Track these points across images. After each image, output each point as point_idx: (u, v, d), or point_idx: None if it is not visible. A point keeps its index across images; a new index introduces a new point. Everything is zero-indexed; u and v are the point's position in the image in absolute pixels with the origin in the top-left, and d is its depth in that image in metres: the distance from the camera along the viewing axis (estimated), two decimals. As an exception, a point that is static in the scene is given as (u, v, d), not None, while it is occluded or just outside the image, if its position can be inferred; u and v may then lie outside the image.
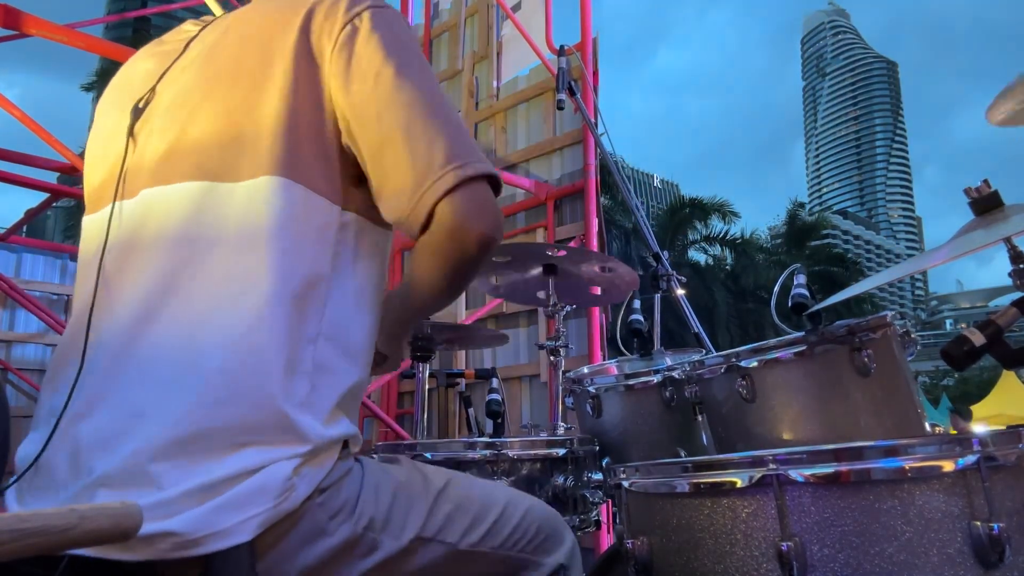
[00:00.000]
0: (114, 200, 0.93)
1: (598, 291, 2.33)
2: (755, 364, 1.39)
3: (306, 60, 0.89)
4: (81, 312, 0.90)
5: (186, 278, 0.83)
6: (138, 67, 1.05)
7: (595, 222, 3.90)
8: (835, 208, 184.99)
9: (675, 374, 1.64)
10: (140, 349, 0.82)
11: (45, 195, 4.55)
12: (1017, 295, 1.10)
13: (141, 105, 0.97)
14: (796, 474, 0.93)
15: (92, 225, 0.97)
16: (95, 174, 1.00)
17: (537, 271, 2.12)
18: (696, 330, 2.07)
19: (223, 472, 0.76)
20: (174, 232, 0.86)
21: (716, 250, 21.99)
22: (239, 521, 0.75)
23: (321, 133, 0.89)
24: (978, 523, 0.89)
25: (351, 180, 0.91)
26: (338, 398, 0.86)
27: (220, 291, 0.82)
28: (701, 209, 21.37)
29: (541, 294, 2.13)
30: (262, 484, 0.77)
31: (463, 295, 4.51)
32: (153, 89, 0.98)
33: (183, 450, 0.76)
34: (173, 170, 0.89)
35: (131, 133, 0.95)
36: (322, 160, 0.89)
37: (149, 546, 0.73)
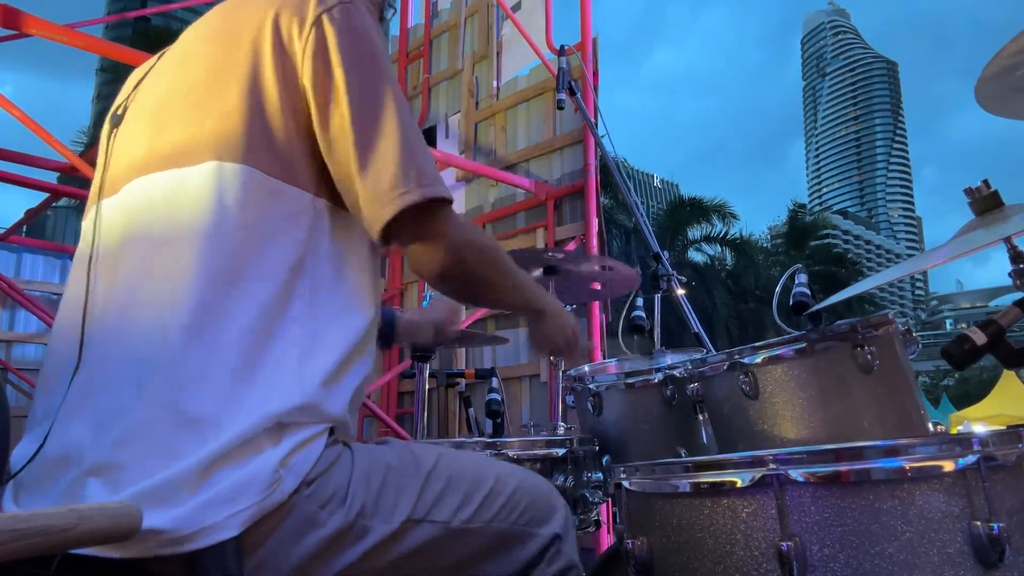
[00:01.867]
0: (99, 200, 0.96)
1: (598, 287, 2.34)
2: (758, 360, 1.39)
3: (276, 55, 0.90)
4: (68, 313, 0.91)
5: (158, 268, 0.85)
6: (131, 76, 1.10)
7: (595, 222, 3.90)
8: (835, 208, 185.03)
9: (676, 372, 1.64)
10: (119, 343, 0.83)
11: (45, 195, 4.55)
12: (1019, 295, 1.10)
13: (120, 112, 1.01)
14: (796, 474, 0.93)
15: (84, 228, 1.00)
16: (93, 180, 1.04)
17: (538, 273, 2.12)
18: (696, 330, 2.07)
19: (207, 465, 0.76)
20: (146, 222, 0.88)
21: (716, 250, 21.99)
22: (226, 516, 0.75)
23: (290, 124, 0.90)
24: (978, 523, 0.89)
25: (323, 168, 0.92)
26: (326, 376, 0.87)
27: (185, 279, 0.83)
28: (700, 208, 21.36)
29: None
30: (249, 478, 0.77)
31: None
32: (129, 96, 1.02)
33: (164, 442, 0.77)
34: (147, 165, 0.91)
35: (111, 137, 0.99)
36: (290, 149, 0.90)
37: (138, 543, 0.73)
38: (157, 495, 0.74)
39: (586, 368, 1.99)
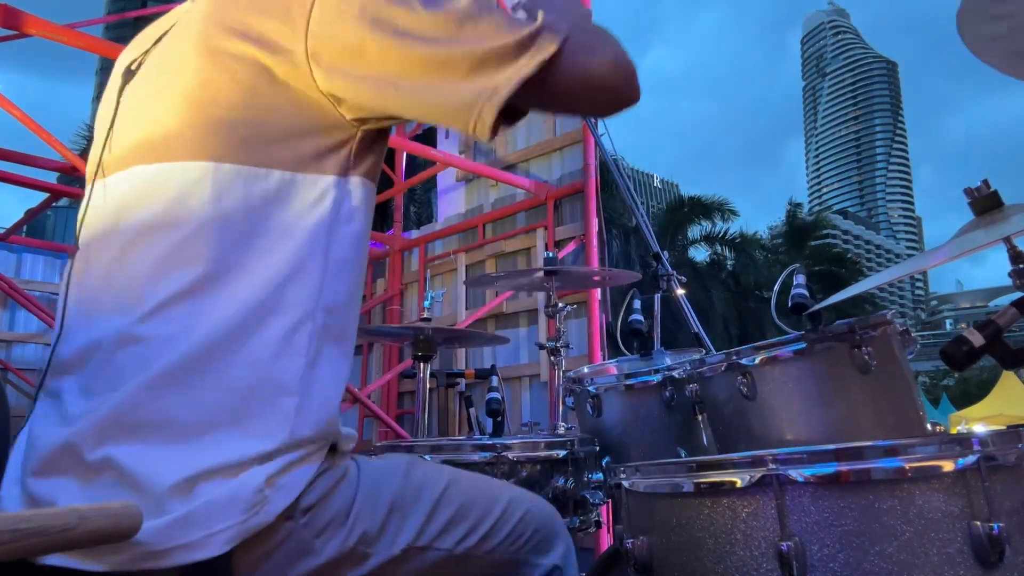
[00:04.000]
0: (91, 185, 0.92)
1: (599, 278, 2.35)
2: (756, 362, 1.39)
3: (265, 46, 0.82)
4: (60, 297, 0.89)
5: (135, 259, 0.82)
6: (151, 28, 1.02)
7: (595, 222, 3.90)
8: (835, 208, 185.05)
9: (675, 373, 1.64)
10: (97, 334, 0.80)
11: (45, 195, 4.55)
12: (1017, 295, 1.10)
13: (134, 67, 0.94)
14: (796, 474, 0.93)
15: (82, 207, 0.96)
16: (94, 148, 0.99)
17: (538, 274, 2.13)
18: (696, 330, 2.07)
19: (187, 480, 0.73)
20: (127, 215, 0.85)
21: (716, 250, 21.95)
22: (205, 535, 0.72)
23: (292, 112, 0.84)
24: (978, 523, 0.89)
25: (340, 148, 0.86)
26: (322, 416, 0.83)
27: (166, 272, 0.80)
28: (700, 205, 21.32)
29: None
30: (230, 496, 0.74)
31: (463, 295, 4.51)
32: (148, 51, 0.95)
33: (140, 439, 0.74)
34: (140, 154, 0.87)
35: (120, 95, 0.94)
36: (296, 139, 0.84)
37: (114, 555, 0.71)
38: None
39: (585, 369, 1.99)
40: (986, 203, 1.19)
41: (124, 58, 1.01)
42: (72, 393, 0.80)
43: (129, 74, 0.95)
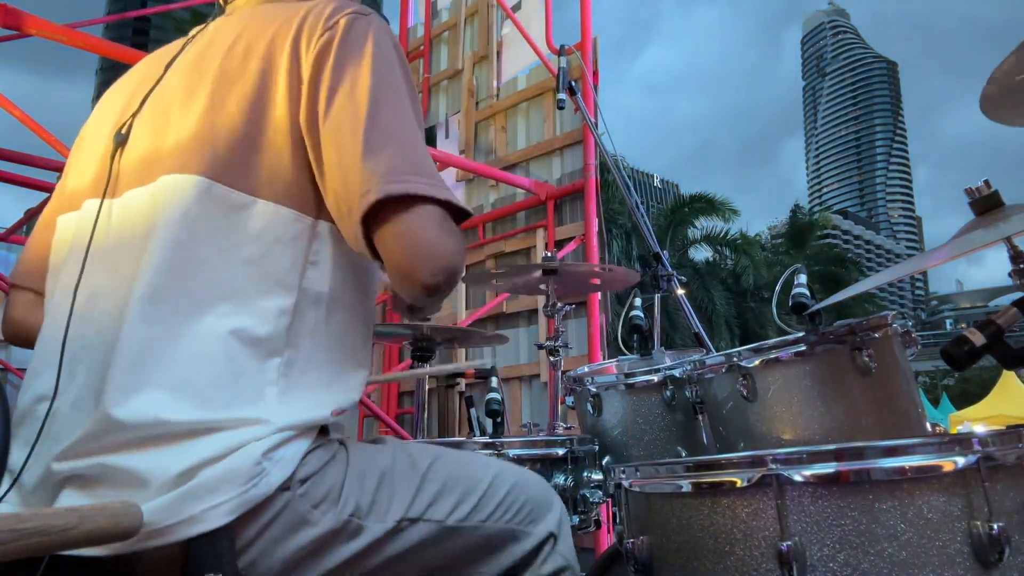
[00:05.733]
0: (103, 198, 0.93)
1: (597, 281, 2.35)
2: (756, 363, 1.39)
3: (290, 74, 0.89)
4: (59, 309, 0.90)
5: (154, 270, 0.83)
6: (137, 72, 1.07)
7: (595, 222, 3.91)
8: (835, 208, 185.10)
9: (676, 373, 1.64)
10: (112, 342, 0.81)
11: (45, 195, 4.55)
12: (1017, 295, 1.10)
13: (124, 131, 0.97)
14: (796, 474, 0.93)
15: (71, 223, 0.98)
16: (79, 176, 1.01)
17: (537, 272, 2.13)
18: (696, 330, 2.07)
19: (188, 460, 0.75)
20: (149, 226, 0.86)
21: (717, 249, 21.93)
22: (206, 508, 0.74)
23: (295, 144, 0.88)
24: (977, 523, 0.89)
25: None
26: (310, 392, 0.86)
27: (180, 283, 0.82)
28: (702, 202, 21.29)
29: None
30: (229, 470, 0.76)
31: (463, 294, 4.51)
32: (136, 112, 0.98)
33: (146, 441, 0.76)
34: (151, 170, 0.90)
35: (115, 157, 0.96)
36: (293, 170, 0.88)
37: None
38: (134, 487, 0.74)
39: (586, 368, 1.99)
40: (986, 203, 1.19)
41: (114, 101, 1.05)
42: (85, 393, 0.81)
43: (120, 138, 0.96)
